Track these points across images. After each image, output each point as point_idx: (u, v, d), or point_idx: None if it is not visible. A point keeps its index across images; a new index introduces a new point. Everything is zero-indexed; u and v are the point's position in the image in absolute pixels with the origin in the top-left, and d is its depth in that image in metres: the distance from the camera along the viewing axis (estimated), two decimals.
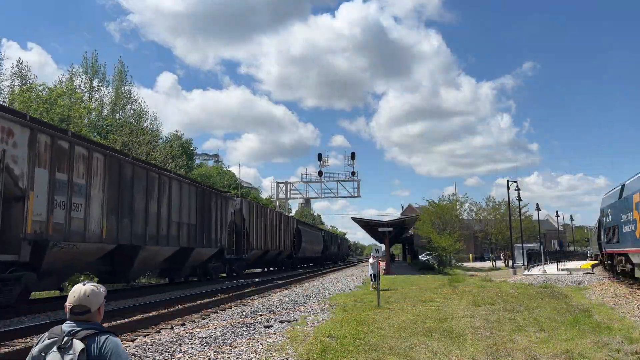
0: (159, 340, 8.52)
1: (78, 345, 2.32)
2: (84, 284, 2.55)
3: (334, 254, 72.74)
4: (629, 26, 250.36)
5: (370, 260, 21.14)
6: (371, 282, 20.67)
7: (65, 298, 11.92)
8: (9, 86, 32.98)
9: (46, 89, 33.44)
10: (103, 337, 2.40)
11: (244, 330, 9.82)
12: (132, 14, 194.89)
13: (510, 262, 39.18)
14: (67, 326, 2.42)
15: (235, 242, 27.68)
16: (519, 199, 38.23)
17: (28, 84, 33.04)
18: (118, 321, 10.75)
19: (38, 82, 33.94)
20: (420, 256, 63.20)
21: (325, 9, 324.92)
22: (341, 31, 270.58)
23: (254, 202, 34.62)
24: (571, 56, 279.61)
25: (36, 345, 2.42)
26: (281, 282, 23.13)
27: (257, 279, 26.38)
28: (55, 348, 2.34)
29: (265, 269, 40.81)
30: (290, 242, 41.65)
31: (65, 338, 2.35)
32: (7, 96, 32.14)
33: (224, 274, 27.64)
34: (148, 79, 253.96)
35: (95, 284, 2.57)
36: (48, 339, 2.39)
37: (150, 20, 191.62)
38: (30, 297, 16.79)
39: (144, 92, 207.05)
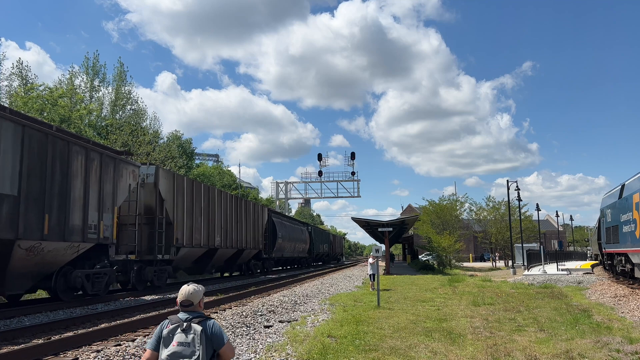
0: None
1: (197, 327, 3.22)
2: (188, 285, 3.47)
3: (325, 253, 61.93)
4: (629, 26, 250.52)
5: (370, 260, 21.12)
6: (371, 282, 20.67)
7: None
8: (6, 86, 32.97)
9: (46, 90, 33.42)
10: (211, 322, 3.32)
11: (244, 330, 9.83)
12: (130, 13, 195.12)
13: (509, 262, 39.16)
14: (182, 315, 3.33)
15: (148, 236, 18.13)
16: (519, 199, 38.21)
17: (29, 84, 33.04)
18: (118, 321, 10.75)
19: (39, 83, 33.97)
20: (420, 256, 63.22)
21: (325, 8, 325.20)
22: (340, 30, 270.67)
23: (184, 176, 22.51)
24: (571, 56, 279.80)
25: (163, 329, 3.29)
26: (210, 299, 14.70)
27: (170, 295, 17.12)
28: (179, 330, 3.22)
29: (227, 274, 29.95)
30: (259, 237, 30.77)
31: (185, 323, 3.24)
32: (6, 96, 32.13)
33: (128, 287, 18.25)
34: (147, 78, 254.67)
35: (196, 285, 3.49)
36: (171, 324, 3.28)
37: (148, 20, 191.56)
38: (29, 298, 16.79)
39: (143, 91, 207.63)
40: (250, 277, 29.39)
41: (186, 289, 3.40)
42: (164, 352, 3.19)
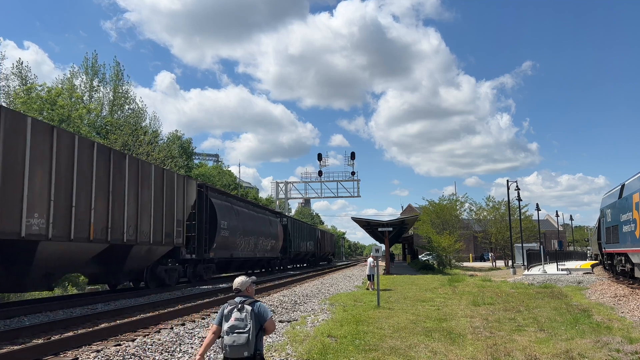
0: (159, 340, 8.52)
1: (248, 307, 4.32)
2: (240, 276, 4.62)
3: (309, 253, 49.10)
4: (629, 26, 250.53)
5: (369, 260, 21.01)
6: (369, 283, 20.52)
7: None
8: (4, 86, 32.97)
9: (45, 89, 33.40)
10: (258, 303, 4.40)
11: None
12: (129, 12, 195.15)
13: (509, 262, 39.16)
14: (238, 299, 4.42)
15: None
16: (519, 199, 38.22)
17: (28, 84, 33.03)
18: (118, 321, 10.75)
19: (39, 83, 33.96)
20: (420, 256, 63.23)
21: (324, 8, 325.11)
22: (340, 30, 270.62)
23: None
24: (571, 56, 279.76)
25: (225, 309, 4.38)
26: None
27: None
28: (236, 309, 4.32)
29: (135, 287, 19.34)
30: (174, 226, 18.74)
31: (239, 304, 4.34)
32: (5, 96, 32.13)
33: None
34: (146, 78, 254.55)
35: (244, 276, 4.64)
36: (229, 306, 4.37)
37: (147, 19, 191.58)
38: (30, 298, 16.80)
39: (142, 91, 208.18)
40: (161, 291, 18.18)
41: (236, 280, 4.60)
42: (226, 325, 4.31)
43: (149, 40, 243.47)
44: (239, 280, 4.59)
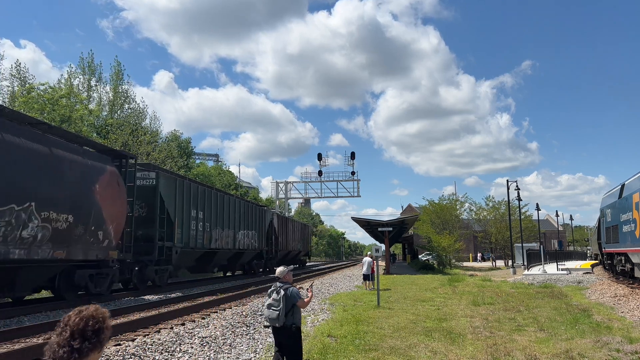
0: (159, 339, 8.52)
1: (282, 292, 5.68)
2: (280, 266, 6.05)
3: (248, 253, 28.63)
4: (629, 25, 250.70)
5: (366, 259, 20.75)
6: (365, 283, 20.37)
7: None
8: (8, 86, 32.97)
9: (48, 89, 33.36)
10: (291, 288, 5.79)
11: (243, 330, 9.83)
12: (126, 10, 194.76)
13: (509, 262, 39.11)
14: (278, 283, 5.83)
15: None
16: (519, 199, 38.21)
17: (27, 85, 33.02)
18: (118, 320, 10.75)
19: (40, 83, 33.93)
20: (420, 256, 63.25)
21: (323, 6, 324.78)
22: (338, 29, 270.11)
23: None
24: (571, 55, 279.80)
25: (270, 289, 5.83)
26: None
27: None
28: (275, 292, 5.73)
29: None
30: None
31: (278, 288, 5.74)
32: (6, 96, 32.13)
33: None
34: (144, 77, 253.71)
35: (285, 266, 6.08)
36: (273, 287, 5.80)
37: (145, 17, 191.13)
38: (28, 298, 16.80)
39: (141, 90, 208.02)
40: None
41: (278, 269, 5.99)
42: (267, 301, 5.82)
43: (146, 39, 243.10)
44: (279, 270, 6.00)
